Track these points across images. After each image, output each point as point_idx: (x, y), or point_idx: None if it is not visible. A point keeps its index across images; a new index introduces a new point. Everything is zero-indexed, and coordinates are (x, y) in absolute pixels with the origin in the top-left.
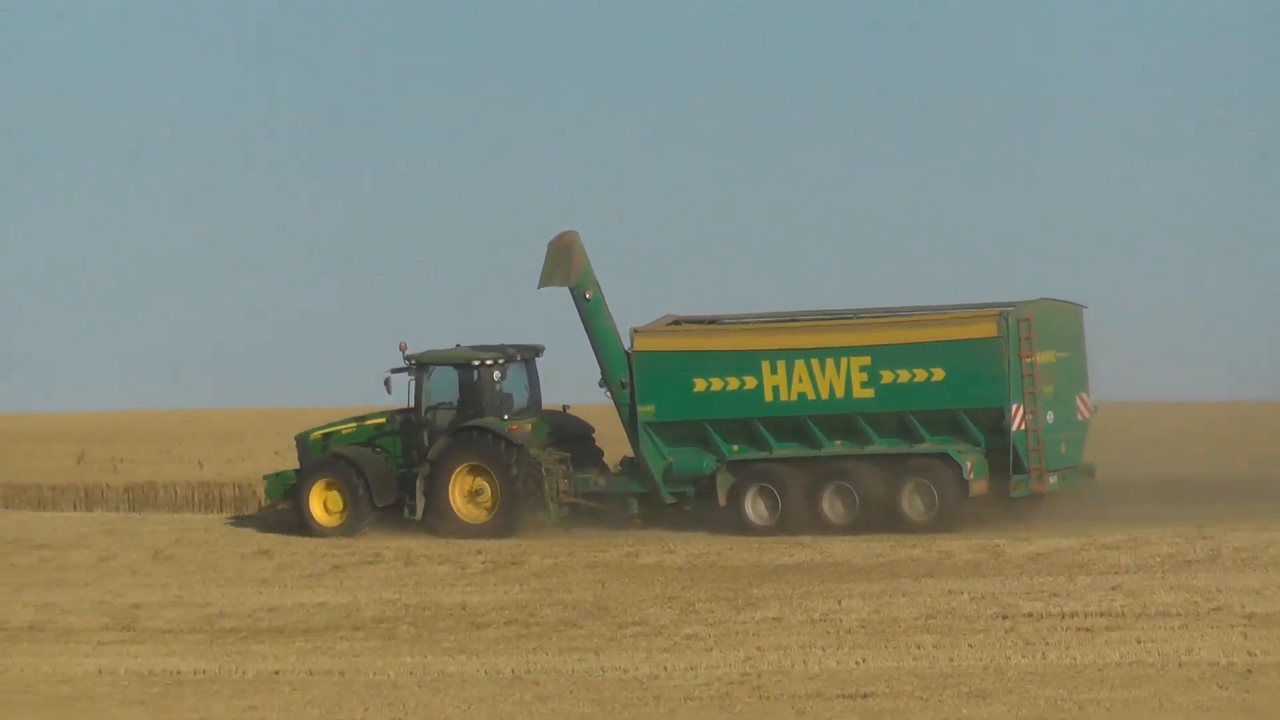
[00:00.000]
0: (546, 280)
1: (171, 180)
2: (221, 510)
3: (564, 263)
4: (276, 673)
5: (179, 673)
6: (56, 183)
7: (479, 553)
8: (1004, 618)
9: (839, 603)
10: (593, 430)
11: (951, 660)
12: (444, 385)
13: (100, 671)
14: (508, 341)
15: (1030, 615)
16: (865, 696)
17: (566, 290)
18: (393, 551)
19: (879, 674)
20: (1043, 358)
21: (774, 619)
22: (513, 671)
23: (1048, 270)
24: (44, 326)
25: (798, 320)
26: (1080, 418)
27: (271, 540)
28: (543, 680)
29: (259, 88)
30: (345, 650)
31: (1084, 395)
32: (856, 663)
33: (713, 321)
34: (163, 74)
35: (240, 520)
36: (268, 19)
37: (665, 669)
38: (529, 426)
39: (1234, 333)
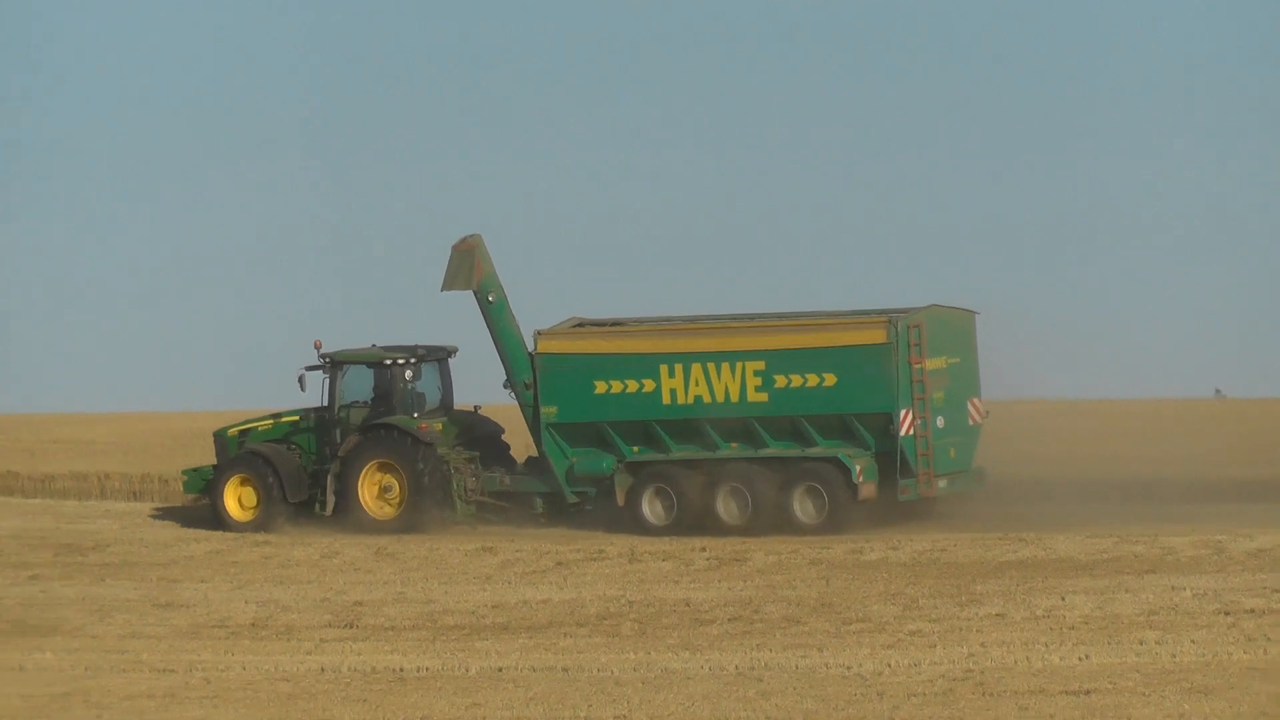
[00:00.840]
0: (450, 283)
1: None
2: None
3: (467, 266)
4: (499, 670)
5: (401, 670)
6: None
7: (703, 549)
8: (1226, 614)
9: (1062, 599)
10: (502, 430)
11: (1174, 656)
12: (357, 384)
13: (322, 669)
14: (422, 342)
15: (1252, 611)
16: (1087, 693)
17: (470, 293)
18: (616, 548)
19: (1101, 670)
20: (933, 364)
21: (997, 615)
22: (736, 668)
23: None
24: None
25: (696, 325)
26: (972, 422)
27: (495, 537)
28: (766, 677)
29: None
30: (568, 647)
31: (976, 400)
32: (1079, 659)
33: (615, 324)
34: None
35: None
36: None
37: (889, 665)
38: (439, 425)
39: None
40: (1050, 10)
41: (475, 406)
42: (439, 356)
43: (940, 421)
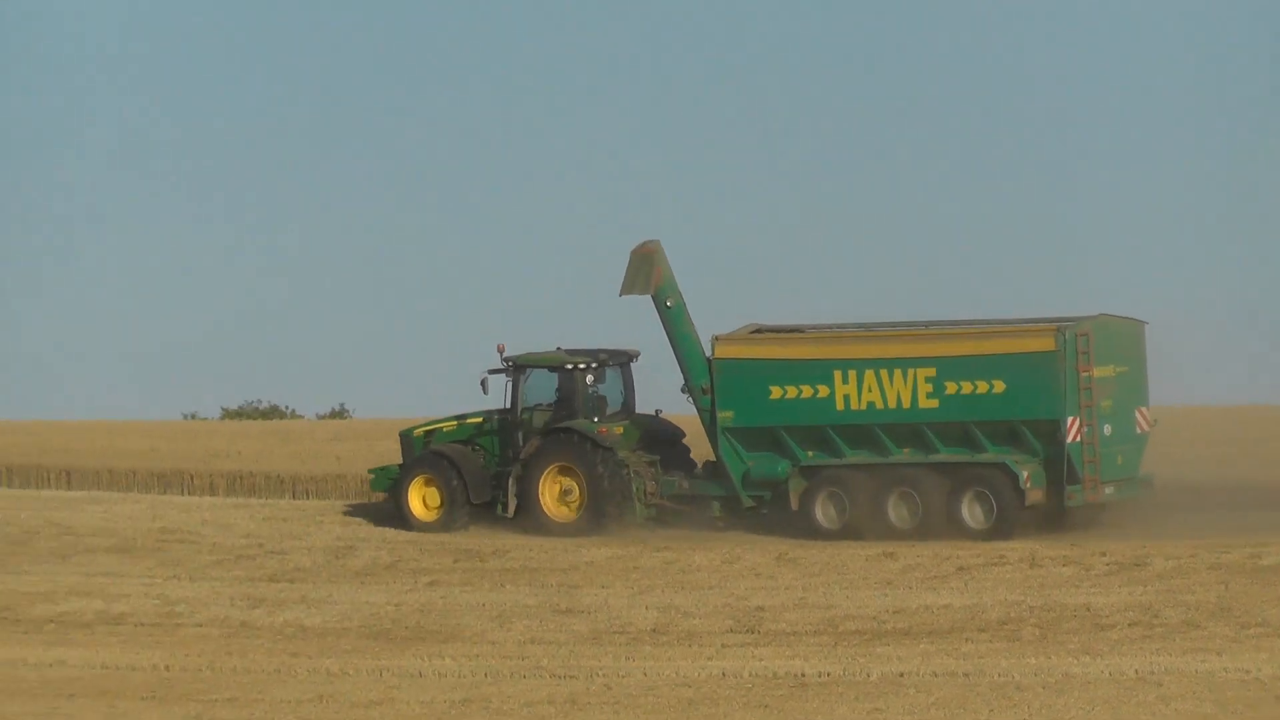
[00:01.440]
0: (628, 288)
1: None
2: None
3: (645, 271)
4: (901, 675)
5: (802, 675)
6: None
7: (1102, 554)
8: None
9: None
10: (683, 435)
11: None
12: (540, 387)
13: (723, 674)
14: (605, 346)
15: None
16: None
17: (649, 298)
18: (1016, 554)
19: None
20: (1101, 372)
21: None
22: (1135, 672)
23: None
24: None
25: (869, 332)
26: (1139, 431)
27: (896, 543)
28: (1165, 681)
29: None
30: (970, 652)
31: (1143, 409)
32: None
33: (793, 331)
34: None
35: None
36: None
37: None
38: (619, 429)
39: None
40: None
41: (657, 411)
42: (621, 361)
43: (1107, 429)
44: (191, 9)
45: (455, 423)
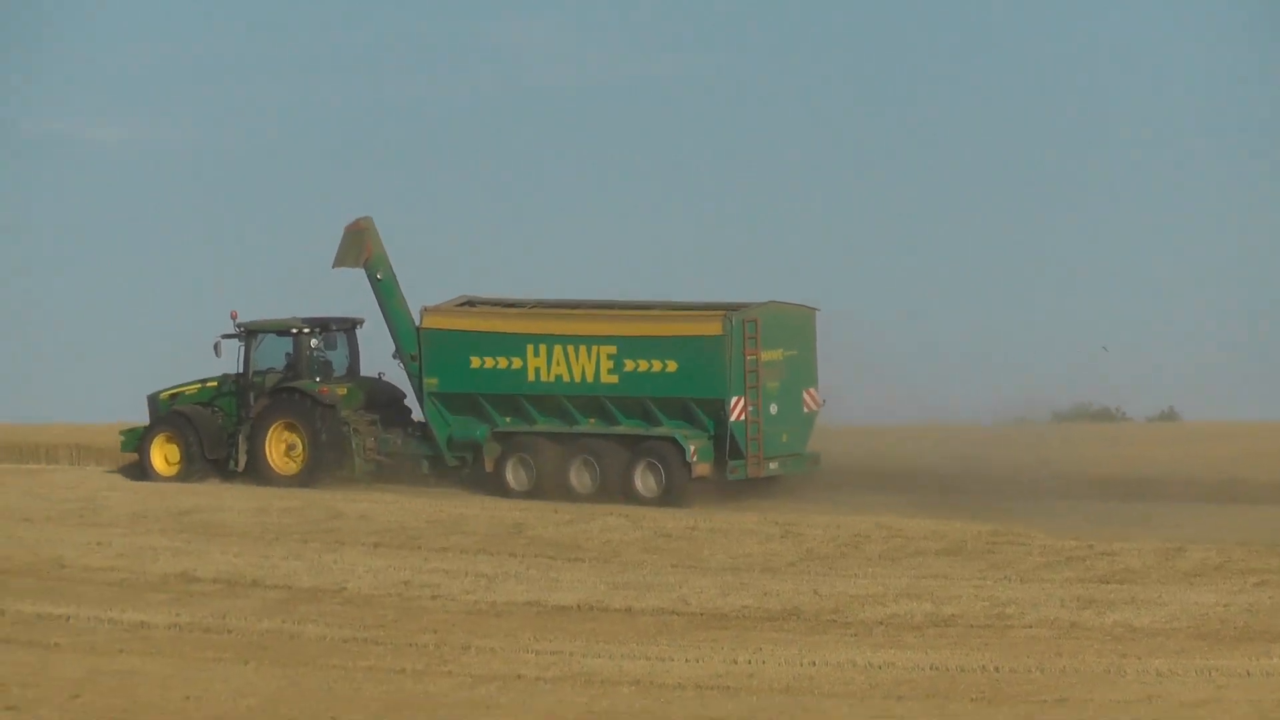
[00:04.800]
0: (340, 261)
1: None
2: None
3: (356, 246)
4: None
5: None
6: None
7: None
8: None
9: None
10: (404, 396)
11: None
12: (270, 351)
13: None
14: (335, 314)
15: None
16: None
17: (360, 271)
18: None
19: None
20: (768, 355)
21: None
22: None
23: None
24: None
25: (560, 310)
26: (807, 410)
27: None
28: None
29: None
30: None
31: (812, 390)
32: None
33: (500, 304)
34: None
35: None
36: None
37: None
38: (342, 390)
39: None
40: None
41: (380, 374)
42: (346, 327)
43: (774, 409)
44: None
45: (198, 386)
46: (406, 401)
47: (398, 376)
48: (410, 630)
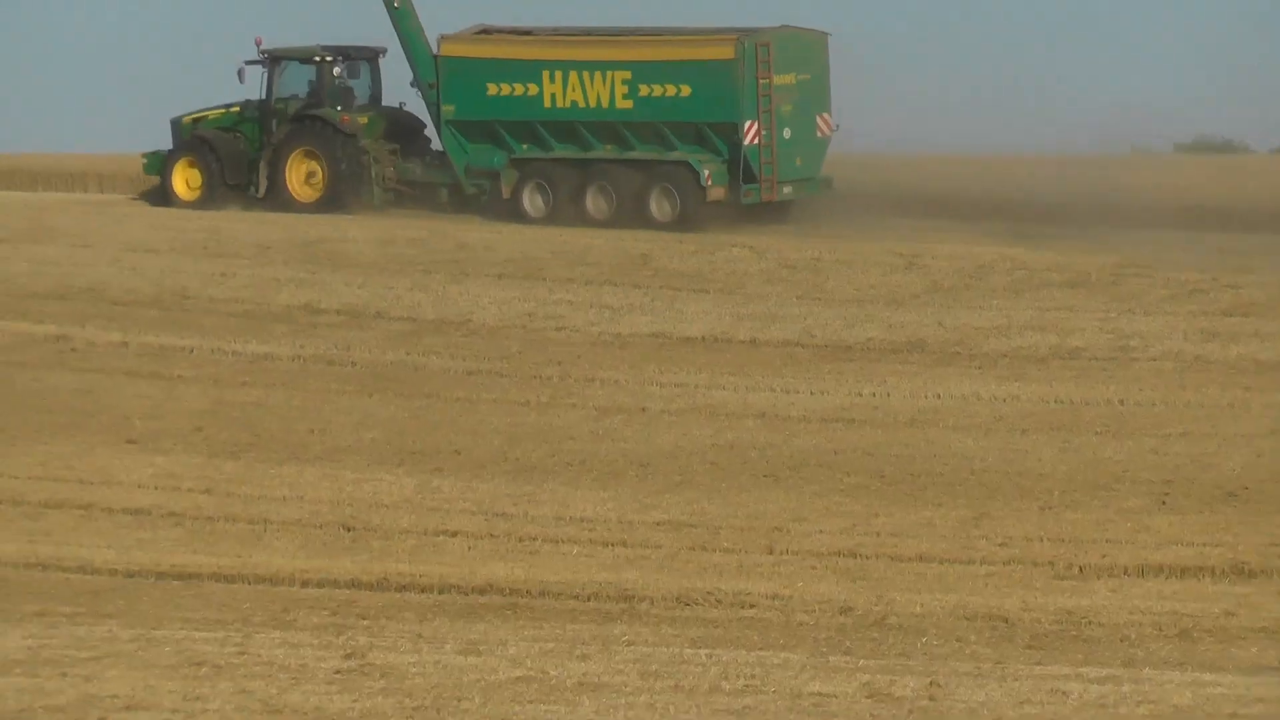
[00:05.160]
0: None
1: None
2: None
3: None
4: None
5: None
6: None
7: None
8: None
9: None
10: (424, 126)
11: None
12: (293, 79)
13: None
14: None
15: None
16: None
17: None
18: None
19: None
20: (781, 80)
21: None
22: None
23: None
24: None
25: (576, 36)
26: (820, 135)
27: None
28: None
29: None
30: None
31: (825, 115)
32: None
33: (514, 32)
34: None
35: None
36: None
37: None
38: (363, 119)
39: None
40: None
41: (401, 103)
42: (368, 56)
43: (787, 133)
44: None
45: (221, 111)
46: (426, 132)
47: (418, 106)
48: (535, 362)
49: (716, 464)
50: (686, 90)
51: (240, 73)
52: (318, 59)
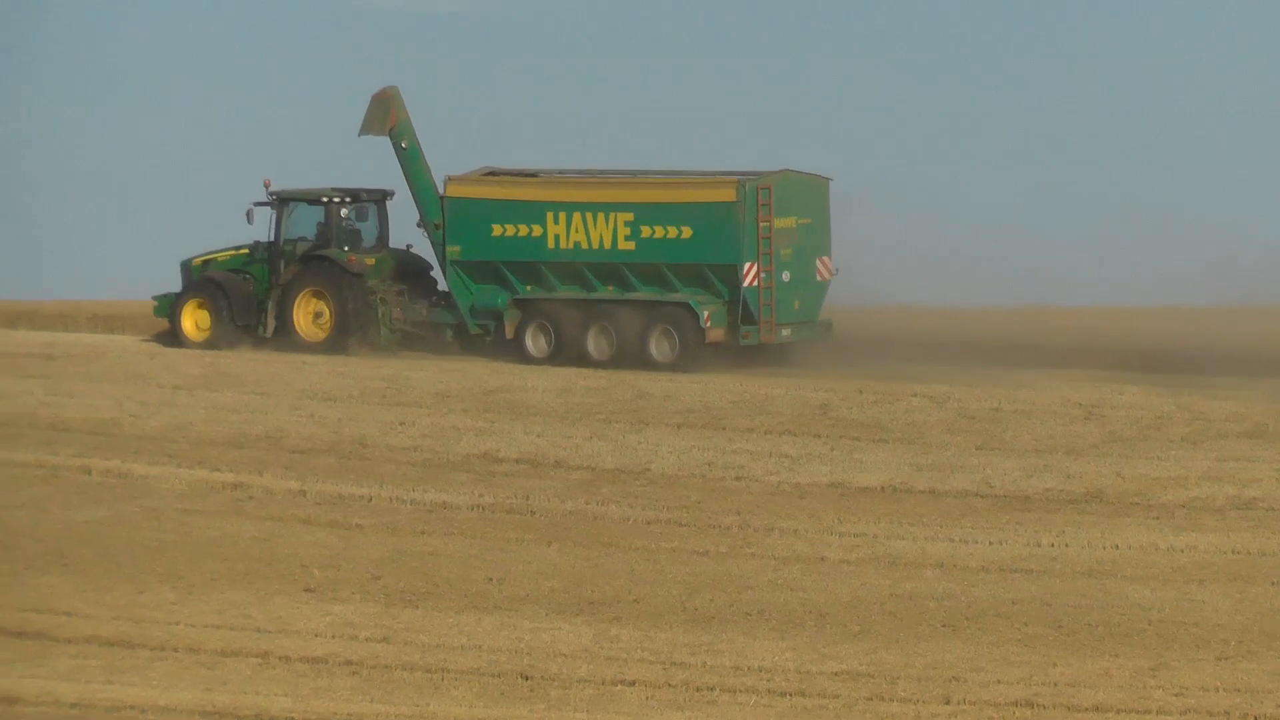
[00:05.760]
0: (366, 128)
1: None
2: None
3: (382, 113)
4: None
5: None
6: None
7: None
8: None
9: None
10: (431, 267)
11: None
12: (301, 220)
13: None
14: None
15: None
16: None
17: (386, 139)
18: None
19: None
20: (781, 223)
21: None
22: None
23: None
24: None
25: (579, 178)
26: (820, 279)
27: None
28: None
29: None
30: None
31: (825, 259)
32: None
33: (520, 174)
34: None
35: None
36: None
37: None
38: (370, 260)
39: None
40: None
41: (408, 245)
42: (376, 198)
43: (786, 276)
44: None
45: (230, 252)
46: (433, 273)
47: (426, 248)
48: (714, 511)
49: (895, 614)
50: (688, 232)
51: (249, 214)
52: (325, 200)
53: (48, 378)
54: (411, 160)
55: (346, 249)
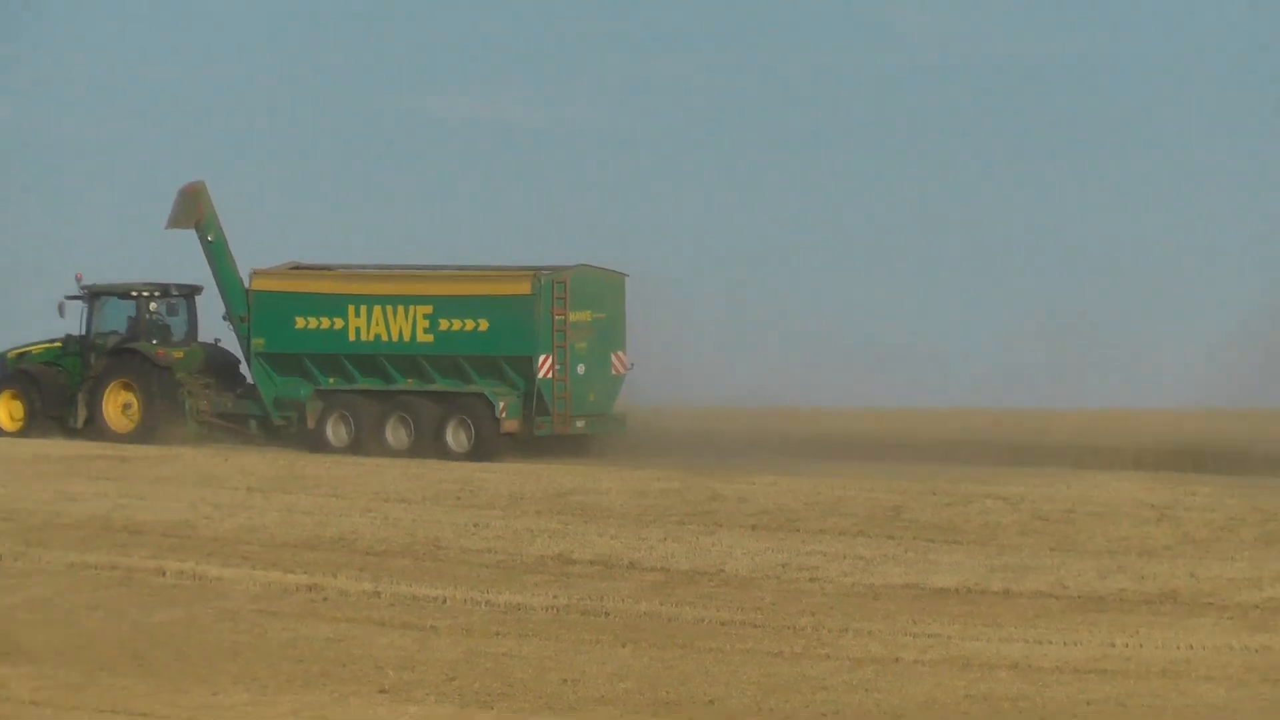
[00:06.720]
0: (173, 222)
1: None
2: None
3: (189, 207)
4: None
5: None
6: None
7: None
8: None
9: None
10: (239, 361)
11: None
12: (113, 313)
13: None
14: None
15: None
16: None
17: (193, 232)
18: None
19: None
20: (577, 316)
21: None
22: None
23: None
24: None
25: (379, 272)
26: (615, 372)
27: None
28: None
29: None
30: None
31: (620, 353)
32: None
33: (324, 268)
34: None
35: None
36: None
37: None
38: (179, 353)
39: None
40: None
41: (216, 339)
42: (186, 293)
43: (581, 369)
44: None
45: (44, 346)
46: (240, 367)
47: (232, 341)
48: (788, 613)
49: (969, 714)
50: (485, 325)
51: (61, 307)
52: (135, 294)
53: (121, 480)
54: (218, 254)
55: (156, 342)
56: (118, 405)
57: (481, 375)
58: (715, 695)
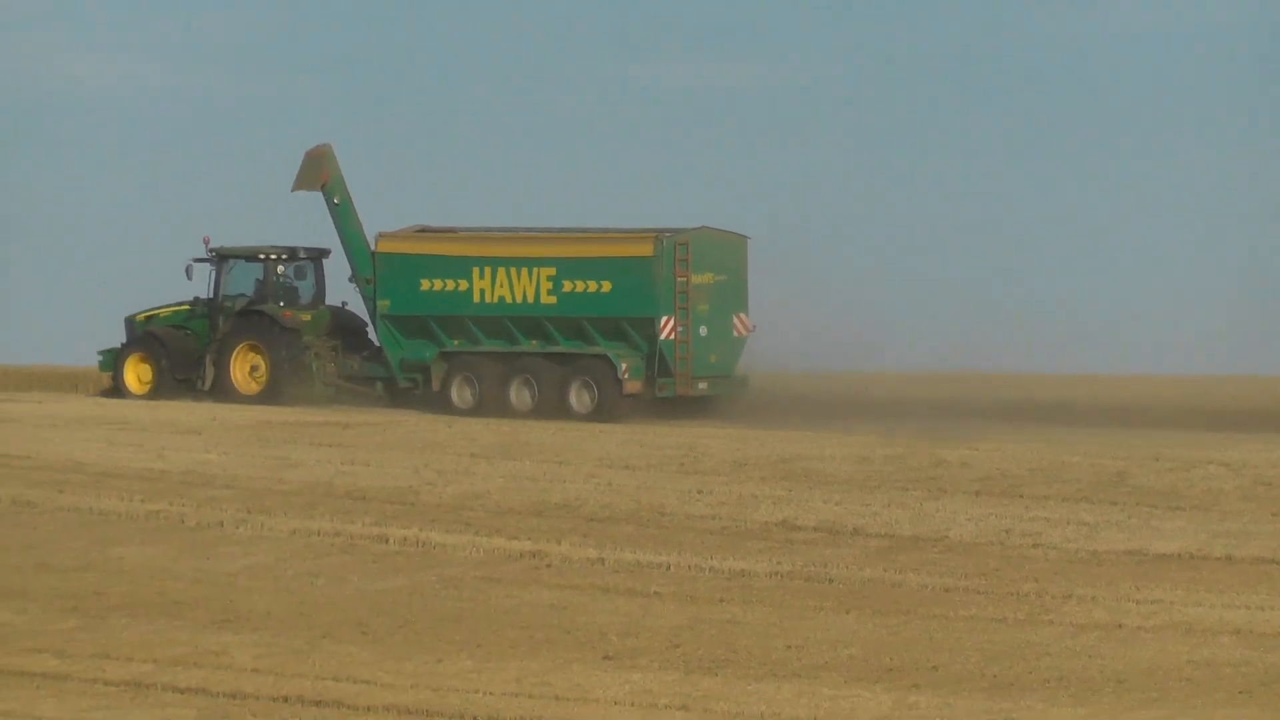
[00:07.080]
0: (299, 184)
1: None
2: None
3: (315, 170)
4: None
5: None
6: None
7: None
8: None
9: None
10: (365, 325)
11: None
12: (240, 276)
13: None
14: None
15: None
16: None
17: (319, 195)
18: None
19: None
20: (699, 279)
21: None
22: None
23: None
24: None
25: (504, 235)
26: (737, 334)
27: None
28: None
29: None
30: None
31: (742, 315)
32: None
33: (449, 231)
34: None
35: None
36: None
37: None
38: (306, 316)
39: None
40: None
41: (344, 303)
42: (313, 256)
43: (703, 330)
44: None
45: (172, 309)
46: (367, 330)
47: (357, 303)
48: (1011, 579)
49: (1191, 679)
50: (607, 286)
51: (189, 270)
52: (263, 257)
53: (344, 446)
54: (343, 216)
55: (283, 305)
56: (245, 368)
57: (604, 337)
58: (939, 662)
